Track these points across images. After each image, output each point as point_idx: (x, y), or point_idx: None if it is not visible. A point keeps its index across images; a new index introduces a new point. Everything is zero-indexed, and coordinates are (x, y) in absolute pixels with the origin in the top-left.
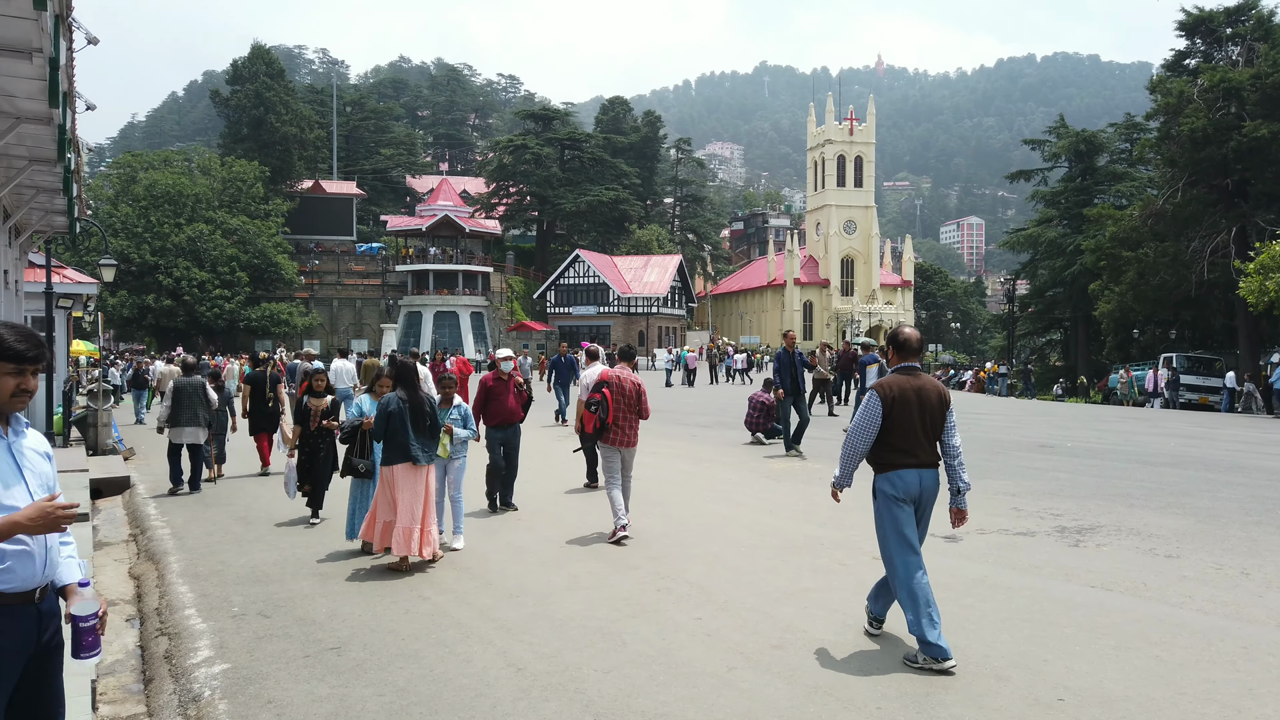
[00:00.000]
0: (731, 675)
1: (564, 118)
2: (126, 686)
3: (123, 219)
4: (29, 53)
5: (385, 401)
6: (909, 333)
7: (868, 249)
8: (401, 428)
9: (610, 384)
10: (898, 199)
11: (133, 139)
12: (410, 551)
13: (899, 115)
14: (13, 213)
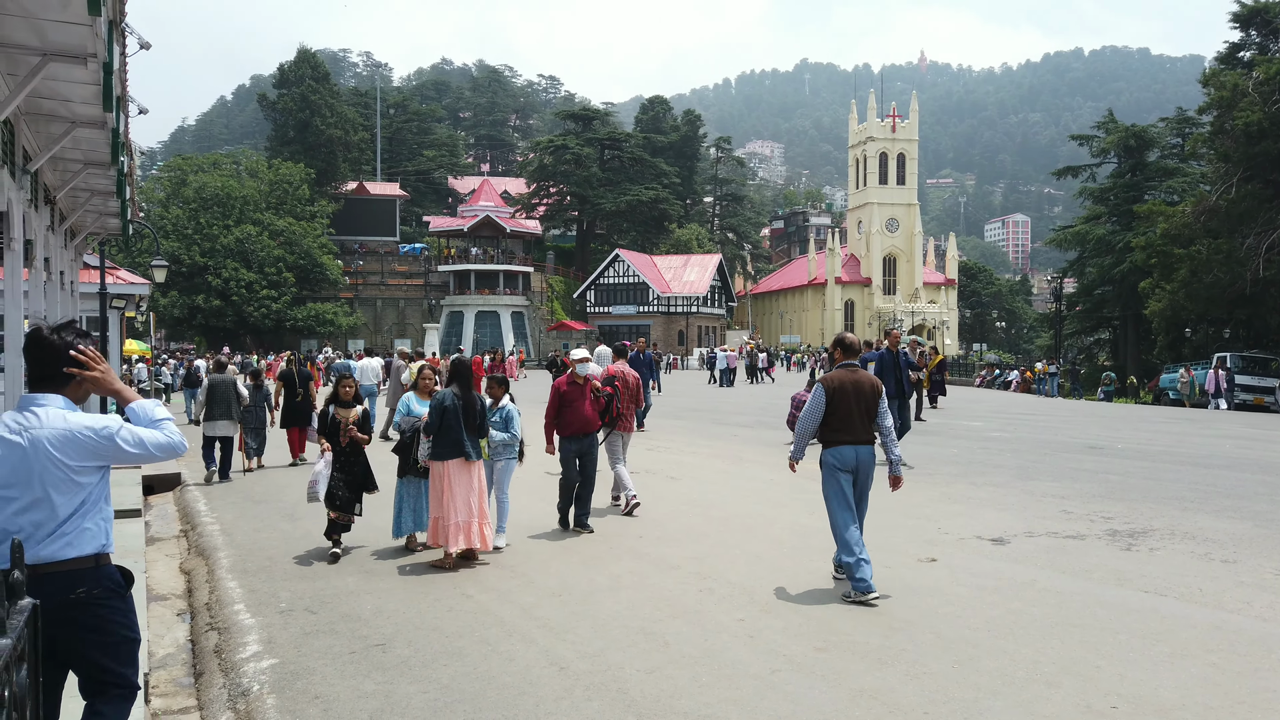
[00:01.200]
0: (775, 678)
1: (604, 118)
2: (178, 680)
3: (173, 221)
4: (84, 58)
5: (441, 397)
6: (850, 338)
7: (910, 247)
8: (455, 424)
9: (617, 379)
10: (941, 196)
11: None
12: (471, 544)
13: (942, 111)
14: (68, 215)
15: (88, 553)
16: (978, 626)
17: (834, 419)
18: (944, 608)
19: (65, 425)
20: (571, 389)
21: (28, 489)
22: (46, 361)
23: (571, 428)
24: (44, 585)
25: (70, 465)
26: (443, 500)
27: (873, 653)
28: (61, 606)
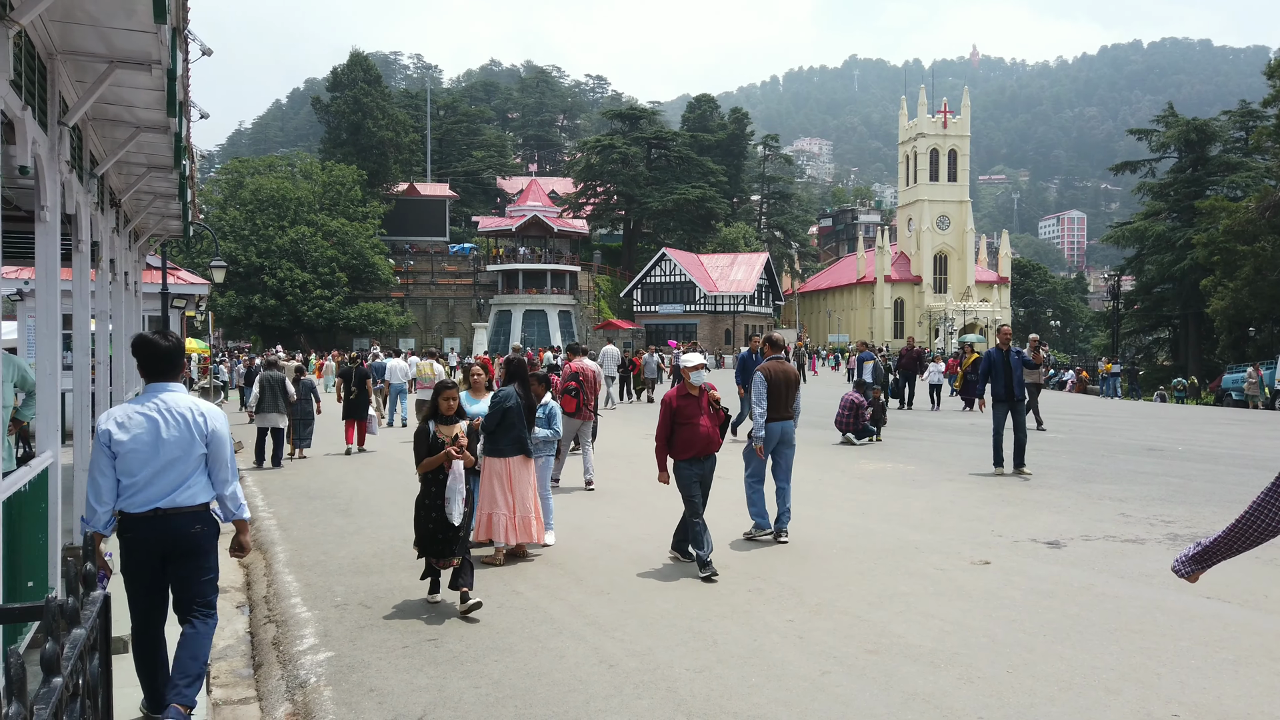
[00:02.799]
0: (825, 679)
1: (651, 117)
2: (237, 671)
3: (231, 222)
4: (149, 65)
5: (505, 396)
6: (779, 336)
7: (962, 245)
8: (518, 421)
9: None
10: (994, 193)
11: (240, 145)
12: (532, 538)
13: (995, 107)
14: (132, 218)
15: (202, 501)
16: (1033, 631)
17: (771, 398)
18: (998, 611)
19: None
20: (685, 402)
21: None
22: (163, 358)
23: (690, 449)
24: (173, 521)
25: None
26: (498, 496)
27: (925, 656)
28: (183, 538)
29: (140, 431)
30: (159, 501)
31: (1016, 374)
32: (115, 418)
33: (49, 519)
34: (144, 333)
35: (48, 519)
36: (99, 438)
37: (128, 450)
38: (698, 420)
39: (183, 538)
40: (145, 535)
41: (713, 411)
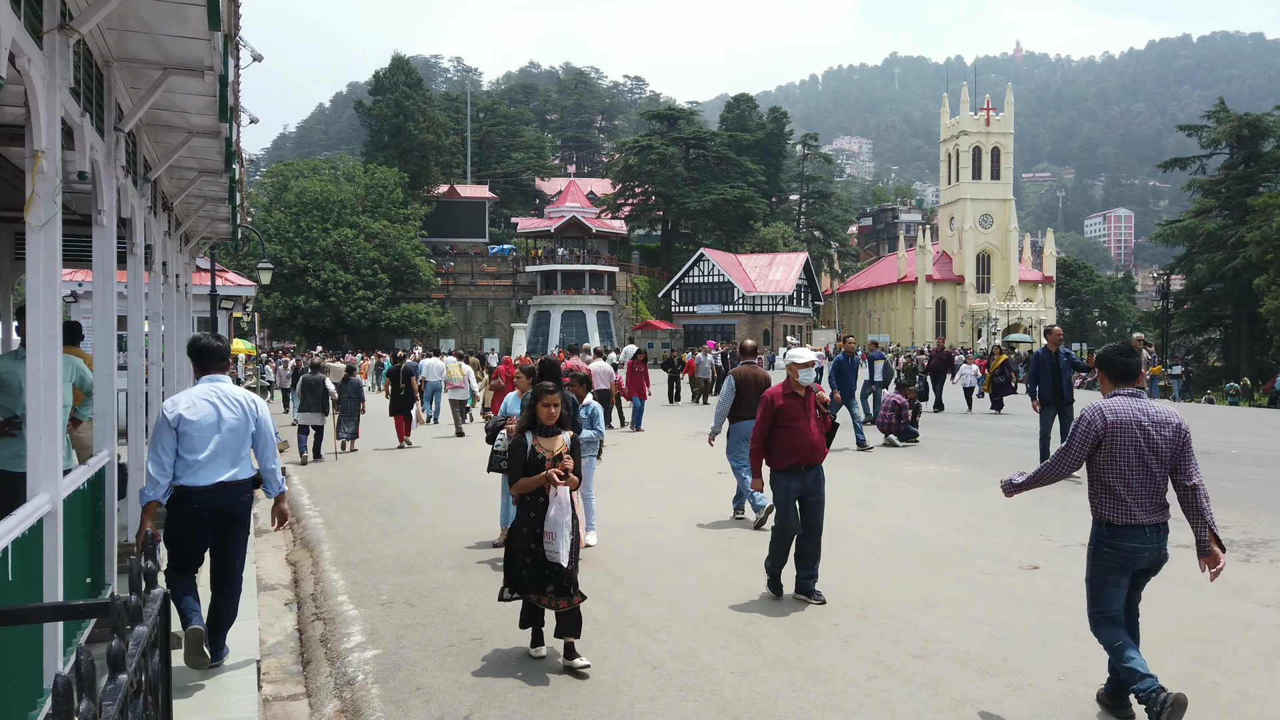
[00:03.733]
0: (872, 684)
1: (689, 117)
2: (286, 667)
3: (276, 225)
4: (201, 71)
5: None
6: (749, 343)
7: (1005, 244)
8: None
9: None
10: (1038, 191)
11: (284, 149)
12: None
13: (1039, 103)
14: (183, 221)
15: (250, 476)
16: (1086, 638)
17: (740, 402)
18: (1048, 616)
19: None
20: (790, 403)
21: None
22: (217, 355)
23: (791, 456)
24: (229, 493)
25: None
26: None
27: (973, 662)
28: (237, 506)
29: (204, 414)
30: (223, 476)
31: (1065, 376)
32: (181, 402)
33: (106, 516)
34: (198, 334)
35: (105, 516)
36: (165, 419)
37: (194, 430)
38: (802, 424)
39: (237, 506)
40: (209, 504)
41: (819, 415)
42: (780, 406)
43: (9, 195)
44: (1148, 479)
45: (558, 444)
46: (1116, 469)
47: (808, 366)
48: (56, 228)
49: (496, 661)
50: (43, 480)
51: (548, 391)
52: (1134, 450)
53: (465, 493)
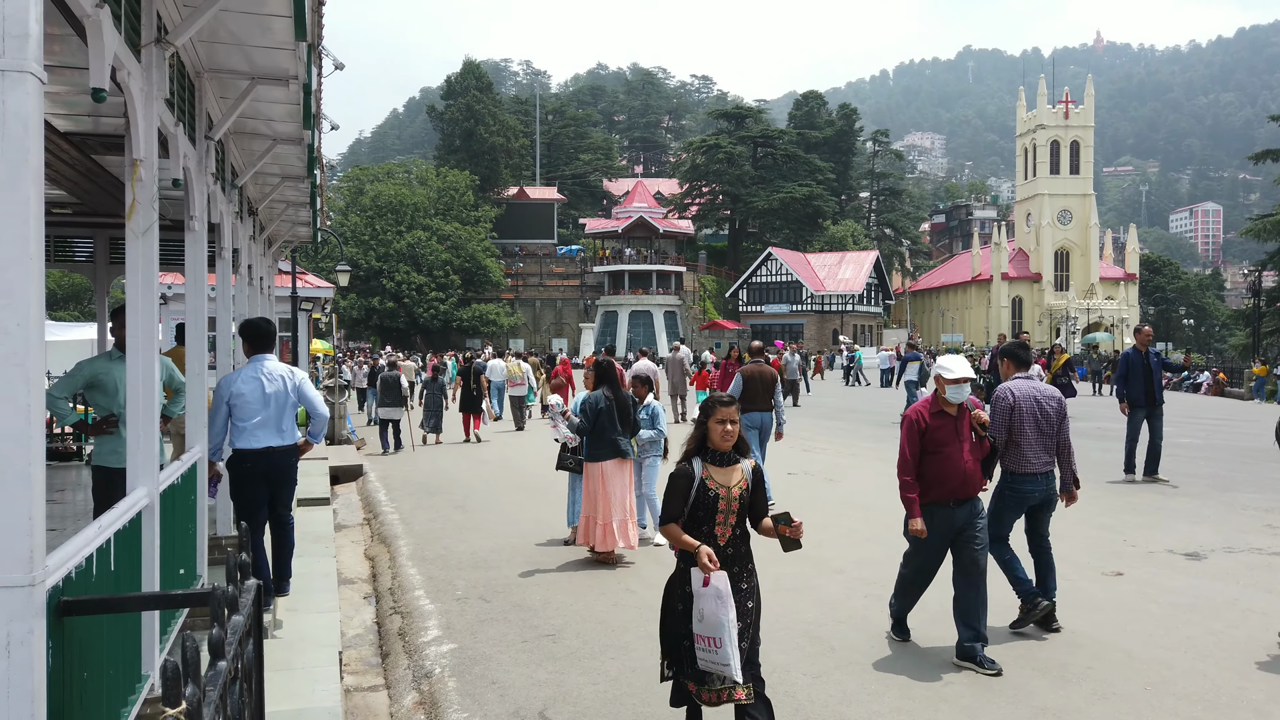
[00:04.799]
0: (948, 690)
1: (756, 115)
2: (366, 659)
3: (352, 228)
4: (286, 80)
5: (594, 399)
6: (756, 344)
7: (1085, 240)
8: (610, 424)
9: None
10: (1120, 185)
11: (360, 154)
12: (629, 543)
13: (1121, 95)
14: (267, 225)
15: (294, 441)
16: (1172, 646)
17: (746, 394)
18: (1132, 625)
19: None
20: (939, 424)
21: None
22: (266, 336)
23: (940, 488)
24: (277, 457)
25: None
26: (596, 500)
27: (1055, 669)
28: (284, 467)
29: (251, 389)
30: (269, 442)
31: (1156, 377)
32: (233, 380)
33: (198, 510)
34: (249, 317)
35: (196, 510)
36: (220, 395)
37: (243, 402)
38: (953, 449)
39: (283, 467)
40: (259, 467)
41: (975, 440)
42: (927, 428)
43: (105, 202)
44: (1040, 438)
45: (736, 475)
46: (1021, 431)
47: (960, 383)
48: (154, 234)
49: (569, 658)
50: (141, 475)
51: (722, 404)
52: (1031, 418)
53: (536, 491)
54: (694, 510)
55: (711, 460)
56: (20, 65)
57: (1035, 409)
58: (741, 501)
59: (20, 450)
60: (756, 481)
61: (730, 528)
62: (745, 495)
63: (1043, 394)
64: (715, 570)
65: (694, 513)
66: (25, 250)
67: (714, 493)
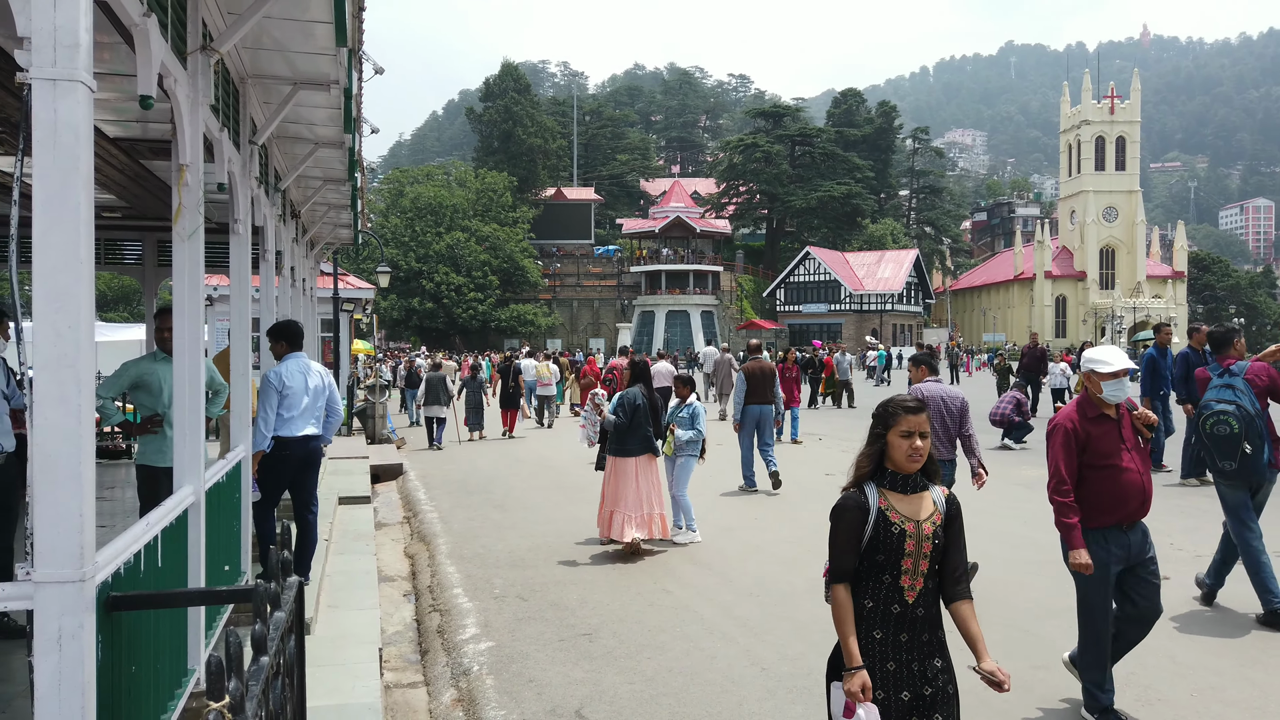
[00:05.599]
0: (988, 694)
1: (794, 114)
2: (405, 656)
3: (392, 230)
4: (327, 85)
5: (632, 396)
6: (755, 343)
7: (1131, 237)
8: (645, 421)
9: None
10: (1167, 181)
11: (400, 156)
12: (652, 534)
13: (1168, 89)
14: (309, 228)
15: (318, 432)
16: (1220, 652)
17: (750, 389)
18: (1180, 630)
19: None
20: (1099, 430)
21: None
22: (300, 335)
23: (1116, 510)
24: (313, 442)
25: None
26: (621, 494)
27: None
28: (315, 453)
29: (298, 382)
30: (307, 430)
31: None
32: (283, 372)
33: (241, 507)
34: (281, 320)
35: (240, 507)
36: (272, 384)
37: (291, 393)
38: (1121, 460)
39: (315, 453)
40: (296, 452)
41: (1140, 444)
42: (1087, 438)
43: (153, 205)
44: (944, 430)
45: (926, 506)
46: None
47: (1118, 378)
48: (200, 237)
49: (605, 657)
50: (187, 473)
51: (908, 410)
52: (938, 415)
53: (574, 491)
54: (870, 552)
55: (892, 485)
56: (71, 74)
57: (941, 407)
58: (935, 542)
59: (72, 449)
60: (952, 516)
61: (921, 577)
62: (940, 534)
63: (948, 393)
64: (865, 702)
65: (870, 556)
66: (76, 255)
67: (899, 528)
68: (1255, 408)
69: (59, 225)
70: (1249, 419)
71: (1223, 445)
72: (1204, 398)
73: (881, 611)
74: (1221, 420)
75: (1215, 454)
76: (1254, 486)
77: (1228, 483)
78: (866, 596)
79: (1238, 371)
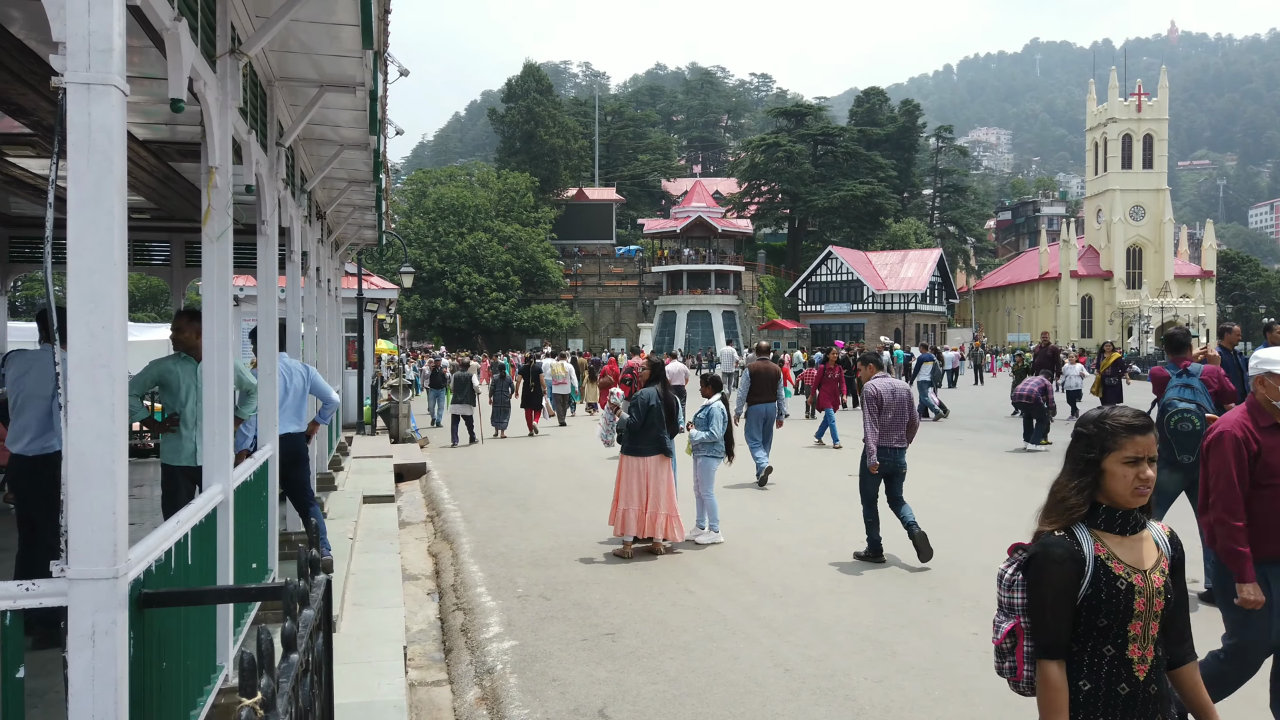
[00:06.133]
0: (1014, 697)
1: (816, 113)
2: (429, 654)
3: (415, 230)
4: (353, 87)
5: (647, 396)
6: (763, 344)
7: (1158, 236)
8: (659, 421)
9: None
10: (1195, 180)
11: (423, 158)
12: (665, 534)
13: (1196, 86)
14: (334, 229)
15: (299, 429)
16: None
17: (755, 388)
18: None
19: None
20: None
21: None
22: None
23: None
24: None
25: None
26: (634, 493)
27: None
28: (297, 450)
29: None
30: (289, 428)
31: (1245, 377)
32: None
33: (269, 507)
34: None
35: (267, 506)
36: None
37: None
38: None
39: (296, 450)
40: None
41: None
42: (1259, 449)
43: (181, 207)
44: (897, 419)
45: (1150, 552)
46: (885, 415)
47: None
48: (229, 239)
49: (628, 657)
50: (216, 472)
51: (1134, 430)
52: (899, 406)
53: (596, 490)
54: (1089, 615)
55: (1108, 525)
56: (105, 79)
57: (892, 399)
58: (1167, 597)
59: (105, 448)
60: (1178, 560)
61: (1152, 645)
62: (1169, 586)
63: (895, 385)
64: None
65: (1089, 619)
66: (110, 257)
67: (1125, 582)
68: (1210, 406)
69: (93, 227)
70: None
71: (1185, 440)
72: (1166, 396)
73: (1105, 695)
74: (1185, 418)
75: (1176, 448)
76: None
77: (1179, 473)
78: (1082, 677)
79: (1194, 372)
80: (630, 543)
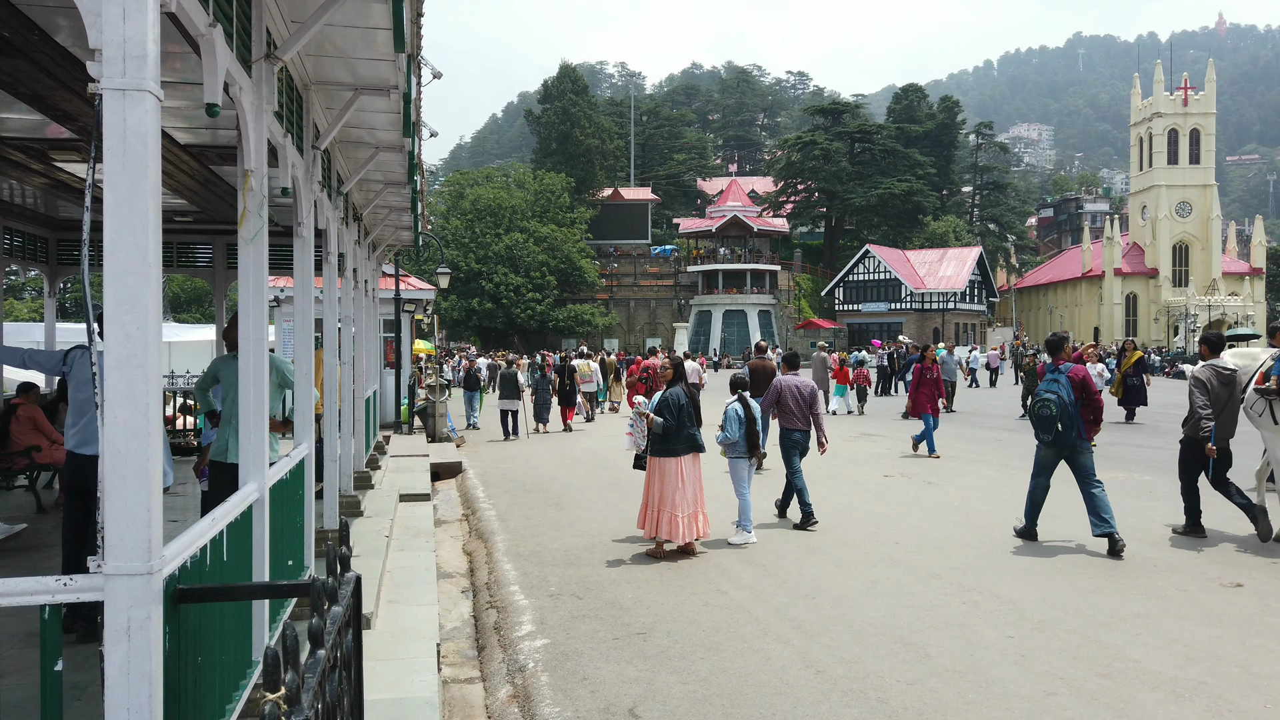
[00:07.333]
0: (1050, 701)
1: (854, 110)
2: (462, 651)
3: (453, 231)
4: (387, 90)
5: (675, 395)
6: (762, 343)
7: (1206, 233)
8: (688, 420)
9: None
10: (1244, 175)
11: (460, 159)
12: (703, 535)
13: (1245, 80)
14: (371, 230)
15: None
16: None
17: (755, 385)
18: (1254, 639)
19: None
20: None
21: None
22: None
23: None
24: None
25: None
26: (665, 493)
27: (1166, 683)
28: None
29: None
30: None
31: None
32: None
33: (304, 503)
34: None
35: (303, 503)
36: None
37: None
38: None
39: None
40: None
41: None
42: None
43: (222, 210)
44: (798, 409)
45: None
46: (787, 404)
47: None
48: (264, 240)
49: (659, 656)
50: (252, 470)
51: None
52: (792, 398)
53: (629, 490)
54: None
55: None
56: (139, 84)
57: (795, 393)
58: None
59: (140, 446)
60: None
61: None
62: None
63: (800, 381)
64: None
65: None
66: (144, 259)
67: None
68: (1070, 398)
69: (128, 229)
70: (1063, 405)
71: (1043, 423)
72: (1038, 388)
73: None
74: (1045, 404)
75: (1037, 428)
76: (1068, 453)
77: (1046, 449)
78: None
79: (1064, 370)
80: (663, 542)
